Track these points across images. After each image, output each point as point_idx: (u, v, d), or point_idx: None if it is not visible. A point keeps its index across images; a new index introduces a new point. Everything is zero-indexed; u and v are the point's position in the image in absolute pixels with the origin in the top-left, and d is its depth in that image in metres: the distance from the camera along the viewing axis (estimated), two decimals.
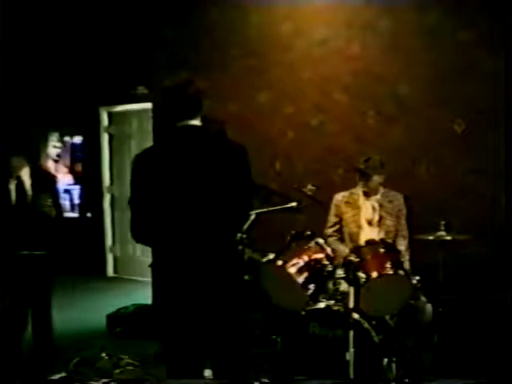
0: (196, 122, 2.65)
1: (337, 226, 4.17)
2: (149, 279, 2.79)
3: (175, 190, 2.57)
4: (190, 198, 2.56)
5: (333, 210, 4.20)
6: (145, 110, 6.93)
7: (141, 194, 2.60)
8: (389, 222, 4.05)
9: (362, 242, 3.85)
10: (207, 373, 3.70)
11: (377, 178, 4.02)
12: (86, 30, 7.03)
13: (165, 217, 2.57)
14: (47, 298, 4.21)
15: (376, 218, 4.06)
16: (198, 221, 2.56)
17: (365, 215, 4.08)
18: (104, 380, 2.14)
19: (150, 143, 6.84)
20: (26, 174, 4.08)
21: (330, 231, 4.18)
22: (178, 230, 2.57)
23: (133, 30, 6.74)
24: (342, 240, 4.12)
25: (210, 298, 2.58)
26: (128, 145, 7.40)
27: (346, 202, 4.13)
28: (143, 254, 7.01)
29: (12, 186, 4.03)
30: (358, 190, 4.13)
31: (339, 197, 4.18)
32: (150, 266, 2.68)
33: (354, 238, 4.02)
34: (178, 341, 2.64)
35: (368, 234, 3.97)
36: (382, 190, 4.12)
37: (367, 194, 4.10)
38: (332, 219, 4.18)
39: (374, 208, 4.08)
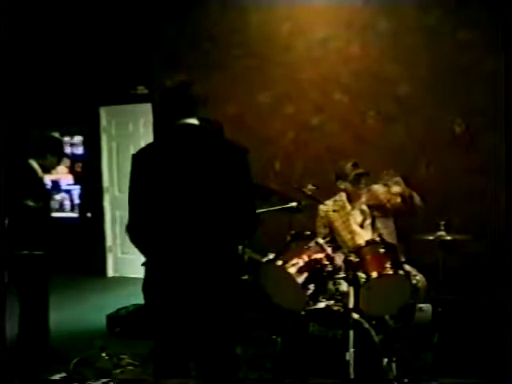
0: (194, 121, 2.65)
1: (328, 237, 4.09)
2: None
3: (172, 188, 2.56)
4: (187, 198, 2.55)
5: (321, 222, 4.13)
6: (145, 110, 6.94)
7: (138, 193, 2.61)
8: (383, 218, 4.02)
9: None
10: None
11: (364, 182, 4.00)
12: (86, 30, 7.03)
13: (161, 216, 2.57)
14: (45, 298, 4.23)
15: (368, 220, 4.04)
16: (194, 221, 2.55)
17: (354, 220, 4.06)
18: (103, 380, 2.15)
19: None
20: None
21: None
22: (173, 230, 2.57)
23: (133, 29, 6.74)
24: (338, 248, 4.05)
25: (204, 299, 2.57)
26: (128, 144, 7.40)
27: (334, 211, 4.08)
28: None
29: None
30: (342, 197, 4.10)
31: (324, 207, 4.13)
32: (144, 264, 2.68)
33: (348, 244, 3.98)
34: (168, 340, 2.64)
35: (363, 237, 3.94)
36: (364, 190, 4.06)
37: (351, 200, 4.07)
38: (322, 231, 4.08)
39: (363, 211, 4.05)
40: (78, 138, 7.83)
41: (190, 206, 2.55)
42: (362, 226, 4.05)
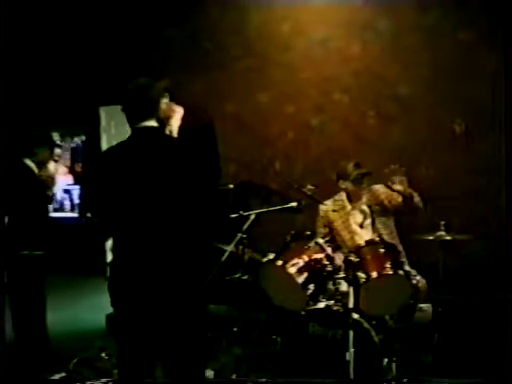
0: (152, 123, 2.68)
1: (328, 237, 4.11)
2: None
3: (130, 190, 2.60)
4: (145, 199, 2.58)
5: (321, 222, 4.14)
6: None
7: (97, 192, 2.71)
8: (383, 219, 4.03)
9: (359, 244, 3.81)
10: (207, 373, 3.71)
11: (365, 182, 4.01)
12: (87, 30, 7.03)
13: (121, 218, 2.62)
14: (42, 297, 4.25)
15: (368, 221, 4.04)
16: (153, 221, 2.57)
17: (354, 220, 4.06)
18: (103, 380, 2.15)
19: None
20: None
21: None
22: (133, 229, 2.61)
23: (133, 29, 6.74)
24: (338, 248, 4.06)
25: (165, 298, 2.57)
26: None
27: (333, 211, 4.09)
28: None
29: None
30: (342, 196, 4.11)
31: (324, 207, 4.14)
32: (109, 264, 2.70)
33: (347, 244, 3.98)
34: (133, 341, 2.64)
35: (363, 236, 3.94)
36: (364, 190, 4.06)
37: (351, 199, 4.08)
38: (322, 230, 4.09)
39: (363, 212, 4.05)
40: (77, 138, 7.84)
41: (148, 208, 2.57)
42: (361, 225, 4.05)
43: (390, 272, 3.41)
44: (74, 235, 7.49)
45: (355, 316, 3.29)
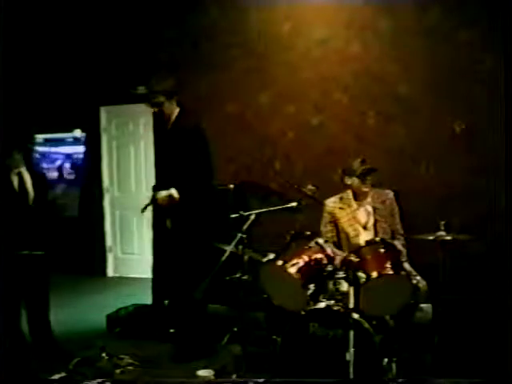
0: None
1: (334, 232, 4.12)
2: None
3: None
4: None
5: (327, 219, 4.13)
6: (145, 110, 6.92)
7: None
8: (384, 224, 4.04)
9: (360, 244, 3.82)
10: (208, 373, 3.72)
11: (370, 179, 4.02)
12: (87, 30, 7.03)
13: None
14: (45, 297, 4.25)
15: (371, 221, 4.04)
16: None
17: (359, 219, 4.06)
18: (98, 380, 2.15)
19: (150, 143, 6.88)
20: (25, 172, 4.15)
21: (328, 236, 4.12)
22: None
23: (133, 29, 6.74)
24: (339, 247, 4.06)
25: None
26: (128, 144, 7.40)
27: (340, 208, 4.10)
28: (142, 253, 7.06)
29: (15, 182, 4.09)
30: (349, 195, 4.11)
31: (330, 203, 4.15)
32: None
33: (352, 242, 3.99)
34: None
35: (365, 237, 3.94)
36: (371, 191, 4.08)
37: (358, 198, 4.08)
38: (329, 227, 4.12)
39: (367, 212, 4.06)
40: (76, 135, 7.84)
41: None
42: (365, 227, 4.05)
43: (391, 272, 3.41)
44: (74, 235, 7.49)
45: (355, 316, 3.29)
